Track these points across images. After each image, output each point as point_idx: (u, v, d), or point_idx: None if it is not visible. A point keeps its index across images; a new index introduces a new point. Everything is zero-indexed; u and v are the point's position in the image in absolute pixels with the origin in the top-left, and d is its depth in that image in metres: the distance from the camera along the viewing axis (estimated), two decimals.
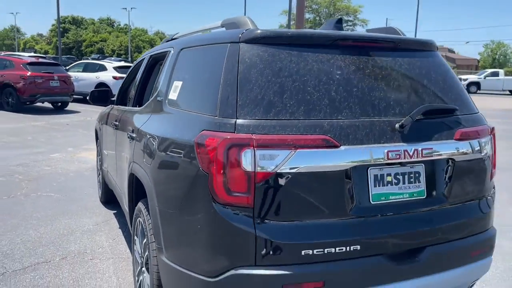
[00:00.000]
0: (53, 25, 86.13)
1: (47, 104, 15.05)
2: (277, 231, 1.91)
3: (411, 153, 2.08)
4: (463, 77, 32.70)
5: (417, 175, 2.15)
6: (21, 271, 3.43)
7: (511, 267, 3.71)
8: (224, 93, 2.01)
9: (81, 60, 28.45)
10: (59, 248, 3.88)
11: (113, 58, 41.76)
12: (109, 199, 4.96)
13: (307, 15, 69.60)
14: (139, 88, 3.66)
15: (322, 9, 68.98)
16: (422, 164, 2.16)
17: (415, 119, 2.11)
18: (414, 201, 2.15)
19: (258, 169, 1.88)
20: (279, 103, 1.97)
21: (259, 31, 2.15)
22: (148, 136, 2.62)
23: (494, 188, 2.55)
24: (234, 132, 1.90)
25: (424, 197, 2.17)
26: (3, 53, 22.46)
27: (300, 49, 2.14)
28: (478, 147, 2.33)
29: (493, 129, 2.50)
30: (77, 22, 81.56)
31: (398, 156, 2.05)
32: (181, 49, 2.78)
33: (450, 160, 2.23)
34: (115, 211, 4.89)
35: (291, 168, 1.89)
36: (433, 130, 2.20)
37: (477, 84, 32.51)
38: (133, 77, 4.17)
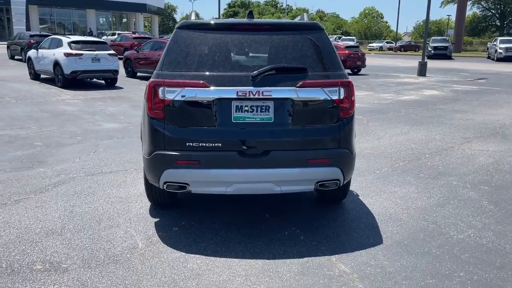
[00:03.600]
0: (224, 9, 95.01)
1: None
2: (174, 131, 3.49)
3: (254, 93, 3.38)
4: None
5: (267, 107, 3.45)
6: (108, 173, 5.63)
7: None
8: (161, 58, 3.65)
9: None
10: (129, 166, 5.97)
11: None
12: None
13: None
14: None
15: None
16: (272, 101, 3.45)
17: (264, 73, 3.41)
18: (264, 123, 3.46)
19: (166, 98, 3.47)
20: (183, 63, 3.52)
21: (186, 21, 3.71)
22: None
23: (347, 122, 3.57)
24: (158, 79, 3.53)
25: (272, 121, 3.47)
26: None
27: (206, 32, 3.63)
28: (322, 94, 3.47)
29: (348, 83, 3.56)
30: (245, 5, 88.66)
31: (244, 94, 3.39)
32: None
33: (292, 99, 3.47)
34: None
35: (182, 97, 3.44)
36: (279, 80, 3.43)
37: None
38: None
